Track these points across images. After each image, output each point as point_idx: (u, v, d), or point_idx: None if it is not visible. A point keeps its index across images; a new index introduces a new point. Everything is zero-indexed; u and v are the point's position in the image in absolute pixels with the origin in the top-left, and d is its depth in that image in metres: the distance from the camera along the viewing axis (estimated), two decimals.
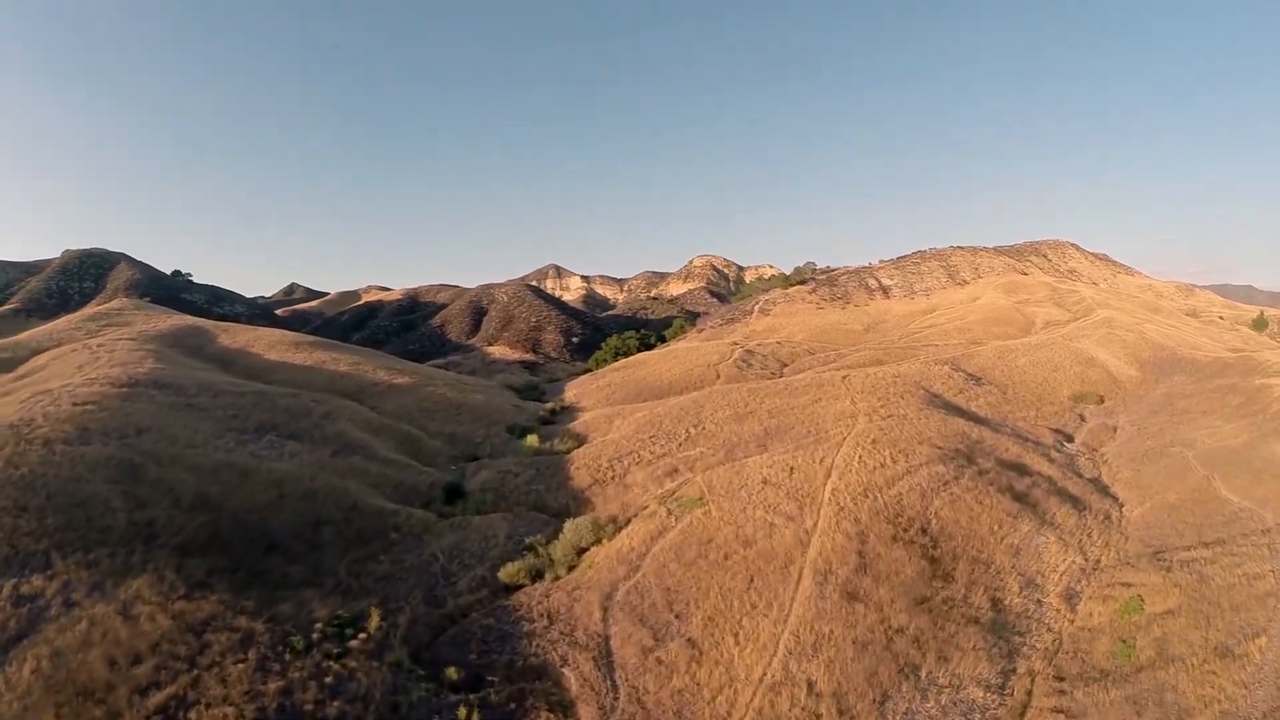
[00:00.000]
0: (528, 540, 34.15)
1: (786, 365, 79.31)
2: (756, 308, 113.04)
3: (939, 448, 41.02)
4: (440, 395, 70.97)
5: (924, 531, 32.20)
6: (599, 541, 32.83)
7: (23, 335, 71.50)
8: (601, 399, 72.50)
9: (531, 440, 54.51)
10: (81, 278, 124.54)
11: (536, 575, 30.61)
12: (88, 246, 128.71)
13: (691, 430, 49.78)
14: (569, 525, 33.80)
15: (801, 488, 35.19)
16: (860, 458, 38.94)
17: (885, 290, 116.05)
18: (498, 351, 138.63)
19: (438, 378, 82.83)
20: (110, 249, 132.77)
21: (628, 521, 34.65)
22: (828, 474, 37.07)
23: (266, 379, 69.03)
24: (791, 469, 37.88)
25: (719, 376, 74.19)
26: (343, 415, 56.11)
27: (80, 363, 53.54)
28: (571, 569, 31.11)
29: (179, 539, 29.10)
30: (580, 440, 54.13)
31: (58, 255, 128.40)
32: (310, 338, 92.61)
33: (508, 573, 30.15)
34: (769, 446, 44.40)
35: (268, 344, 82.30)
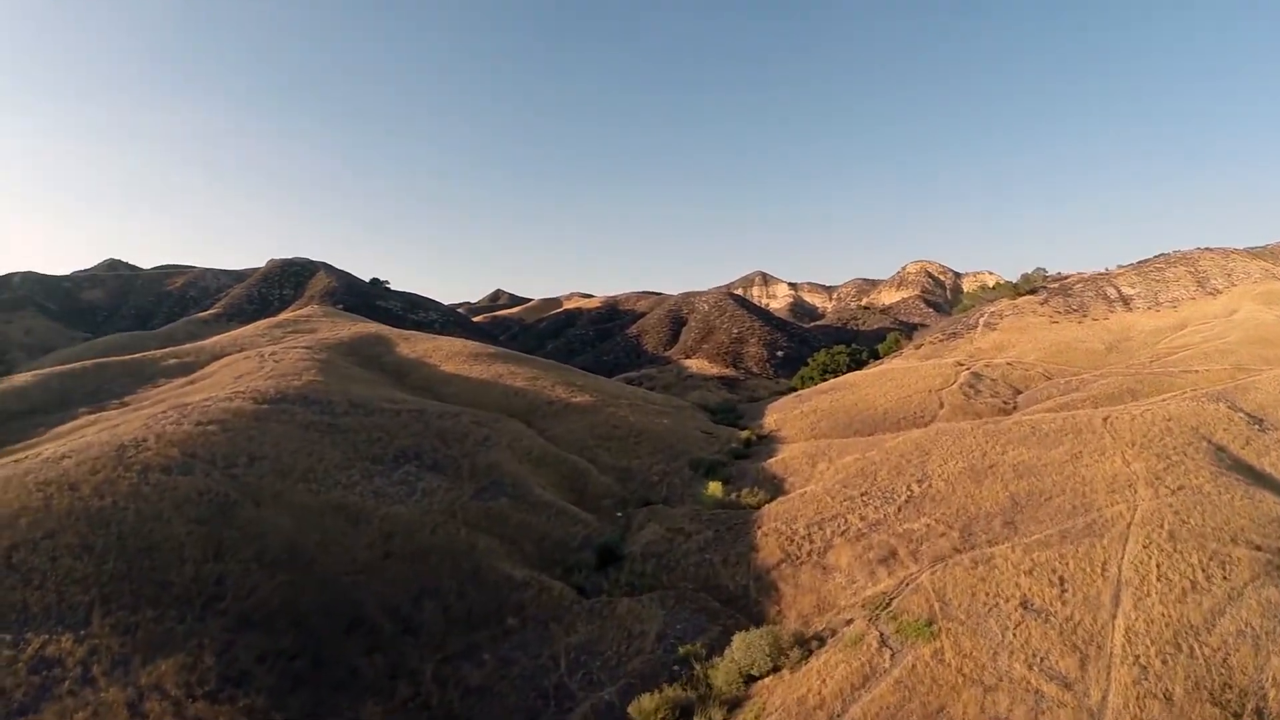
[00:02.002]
0: (681, 649, 26.95)
1: (1020, 392, 71.33)
2: (981, 321, 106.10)
3: (1258, 548, 27.97)
4: (620, 418, 66.46)
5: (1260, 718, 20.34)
6: (777, 669, 24.65)
7: (208, 341, 77.89)
8: (805, 428, 65.94)
9: (715, 487, 47.77)
10: (282, 285, 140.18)
11: (683, 715, 23.18)
12: (291, 256, 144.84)
13: (914, 488, 40.09)
14: (739, 641, 25.96)
15: (1079, 622, 24.33)
16: (1159, 567, 27.07)
17: (1126, 301, 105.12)
18: (695, 365, 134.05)
19: (623, 396, 78.90)
20: (313, 258, 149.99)
21: (822, 640, 26.06)
22: (1115, 596, 25.77)
23: (437, 392, 68.84)
24: (1061, 580, 27.03)
25: (942, 405, 65.96)
26: (502, 441, 52.87)
27: (241, 372, 55.15)
28: (733, 709, 23.32)
29: (245, 604, 25.55)
30: (774, 489, 47.01)
31: (263, 264, 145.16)
32: (491, 348, 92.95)
33: (642, 709, 23.01)
34: (1019, 525, 33.61)
35: (446, 354, 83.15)
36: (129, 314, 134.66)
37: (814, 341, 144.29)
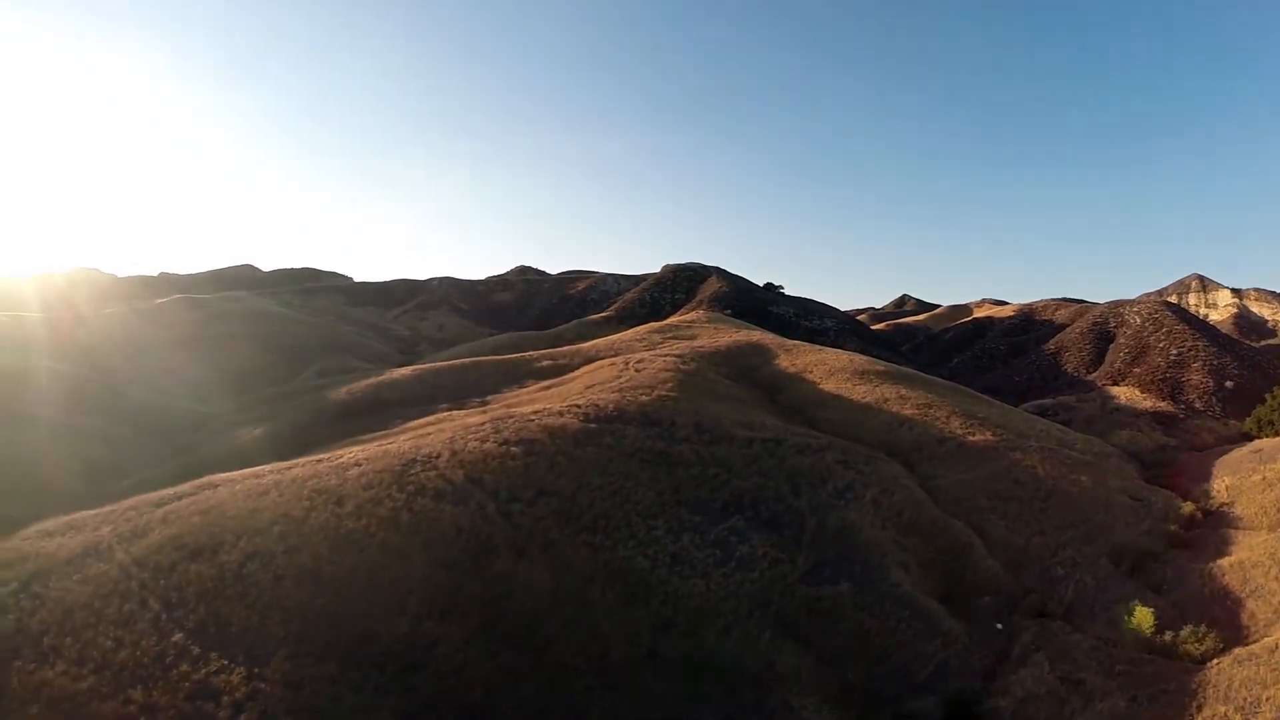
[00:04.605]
0: None
1: None
2: None
3: None
4: (1026, 469, 51.78)
5: None
6: None
7: (587, 344, 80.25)
8: (1269, 505, 46.96)
9: (1143, 617, 32.50)
10: (674, 289, 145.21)
11: None
12: (686, 261, 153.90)
13: None
14: None
15: None
16: None
17: None
18: (1124, 394, 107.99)
19: (1032, 435, 63.04)
20: (707, 263, 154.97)
21: None
22: None
23: (808, 416, 61.41)
24: None
25: None
26: (867, 493, 43.24)
27: (596, 380, 53.74)
28: None
29: (444, 684, 21.36)
30: (1227, 621, 32.92)
31: (659, 269, 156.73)
32: (881, 365, 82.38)
33: None
34: None
35: (828, 370, 74.83)
36: (533, 315, 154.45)
37: (1268, 368, 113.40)
